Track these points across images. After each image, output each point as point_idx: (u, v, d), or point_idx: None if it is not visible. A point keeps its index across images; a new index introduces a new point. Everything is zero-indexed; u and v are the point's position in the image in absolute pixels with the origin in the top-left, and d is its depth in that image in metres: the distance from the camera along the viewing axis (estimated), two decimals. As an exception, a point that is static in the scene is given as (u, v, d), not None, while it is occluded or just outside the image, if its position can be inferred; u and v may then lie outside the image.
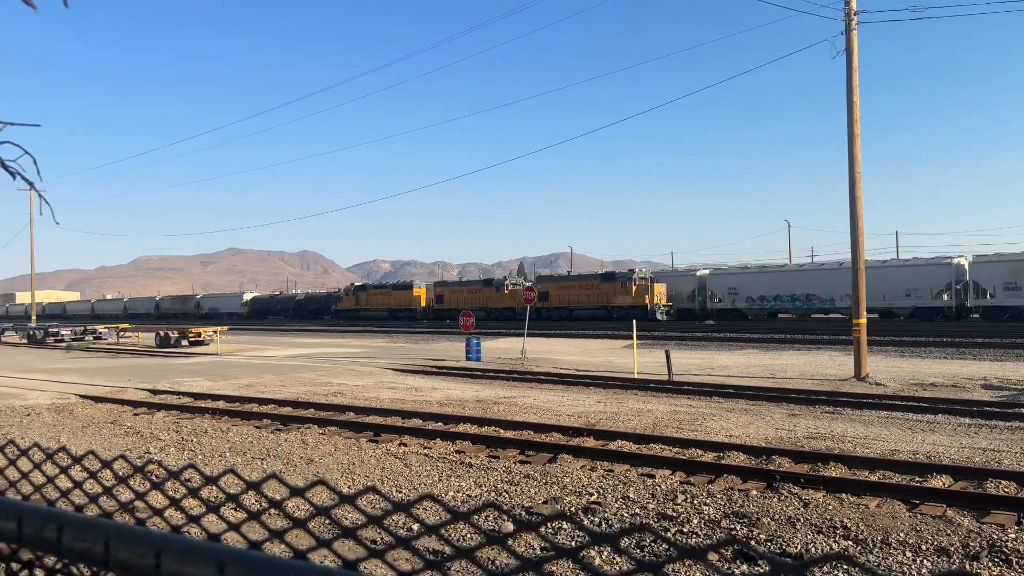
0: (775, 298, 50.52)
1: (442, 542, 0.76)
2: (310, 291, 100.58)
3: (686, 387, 17.75)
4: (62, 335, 45.58)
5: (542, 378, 20.50)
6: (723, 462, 9.75)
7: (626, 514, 7.69)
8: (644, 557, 6.62)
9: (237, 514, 1.05)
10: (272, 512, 1.05)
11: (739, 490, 8.49)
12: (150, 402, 16.59)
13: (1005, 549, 6.40)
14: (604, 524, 7.48)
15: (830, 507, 7.74)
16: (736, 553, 6.18)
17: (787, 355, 27.56)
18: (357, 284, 78.98)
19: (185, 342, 39.54)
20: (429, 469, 9.80)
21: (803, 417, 13.52)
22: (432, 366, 24.56)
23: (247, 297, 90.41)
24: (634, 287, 53.89)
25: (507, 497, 8.52)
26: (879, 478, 8.91)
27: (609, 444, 11.11)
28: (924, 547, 6.54)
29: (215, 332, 40.09)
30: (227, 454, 10.96)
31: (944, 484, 8.61)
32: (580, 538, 6.77)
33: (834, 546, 6.64)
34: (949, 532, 6.90)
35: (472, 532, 6.58)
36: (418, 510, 0.89)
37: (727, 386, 17.58)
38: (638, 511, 7.77)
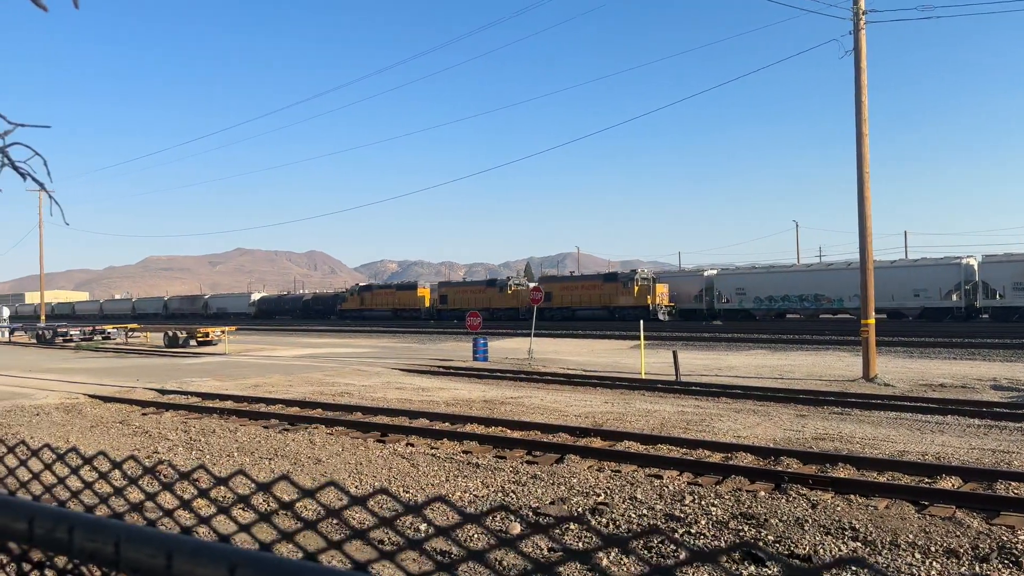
0: (783, 298, 50.38)
1: (452, 544, 0.76)
2: (317, 291, 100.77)
3: (693, 388, 17.71)
4: (71, 335, 45.80)
5: (549, 378, 20.49)
6: (731, 463, 9.72)
7: (633, 515, 7.67)
8: (652, 559, 6.61)
9: (245, 515, 1.05)
10: (281, 513, 1.05)
11: (747, 491, 8.46)
12: (158, 402, 16.65)
13: (1015, 551, 6.36)
14: (612, 525, 7.47)
15: (839, 508, 7.71)
16: (744, 554, 6.16)
17: (795, 356, 27.48)
18: (362, 284, 79.22)
19: (193, 342, 39.66)
20: (436, 469, 9.80)
21: (811, 418, 13.48)
22: (439, 366, 24.57)
23: (255, 297, 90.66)
24: (636, 287, 54.01)
25: (514, 497, 8.51)
26: (888, 479, 8.87)
27: (616, 445, 11.10)
28: (933, 549, 6.51)
29: (223, 332, 40.22)
30: (235, 454, 10.99)
31: (953, 485, 8.57)
32: (588, 539, 6.77)
33: (843, 547, 6.61)
34: (959, 534, 6.86)
35: (479, 533, 6.58)
36: (427, 512, 0.89)
37: (735, 387, 17.54)
38: (645, 512, 7.75)
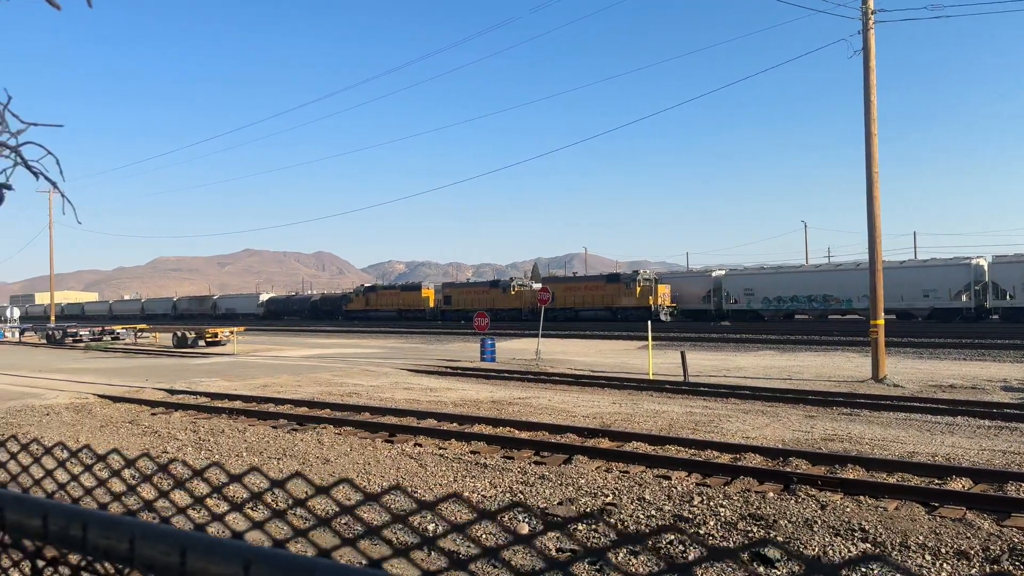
0: (792, 299, 50.22)
1: (465, 542, 0.76)
2: (325, 292, 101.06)
3: (702, 388, 17.67)
4: (80, 335, 46.04)
5: (556, 379, 20.47)
6: (739, 464, 9.70)
7: (642, 516, 7.66)
8: (659, 561, 6.60)
9: (255, 513, 1.05)
10: (294, 511, 1.05)
11: (756, 492, 8.44)
12: (167, 402, 16.71)
13: (1027, 553, 6.32)
14: (620, 526, 7.45)
15: (848, 509, 7.68)
16: (753, 555, 6.15)
17: (804, 356, 27.39)
18: (367, 285, 79.56)
19: (202, 342, 39.81)
20: (444, 469, 9.81)
21: (820, 419, 13.43)
22: (446, 366, 24.58)
23: (263, 298, 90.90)
24: (638, 288, 54.09)
25: (522, 498, 8.51)
26: (897, 480, 8.83)
27: (624, 445, 11.08)
28: (943, 550, 6.47)
29: (232, 333, 40.34)
30: (244, 454, 11.02)
31: (964, 487, 8.53)
32: (595, 540, 6.76)
33: (852, 549, 6.59)
34: (969, 535, 6.82)
35: (486, 533, 6.58)
36: (438, 509, 0.88)
37: (743, 387, 17.49)
38: (654, 513, 7.74)
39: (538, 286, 62.26)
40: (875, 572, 6.04)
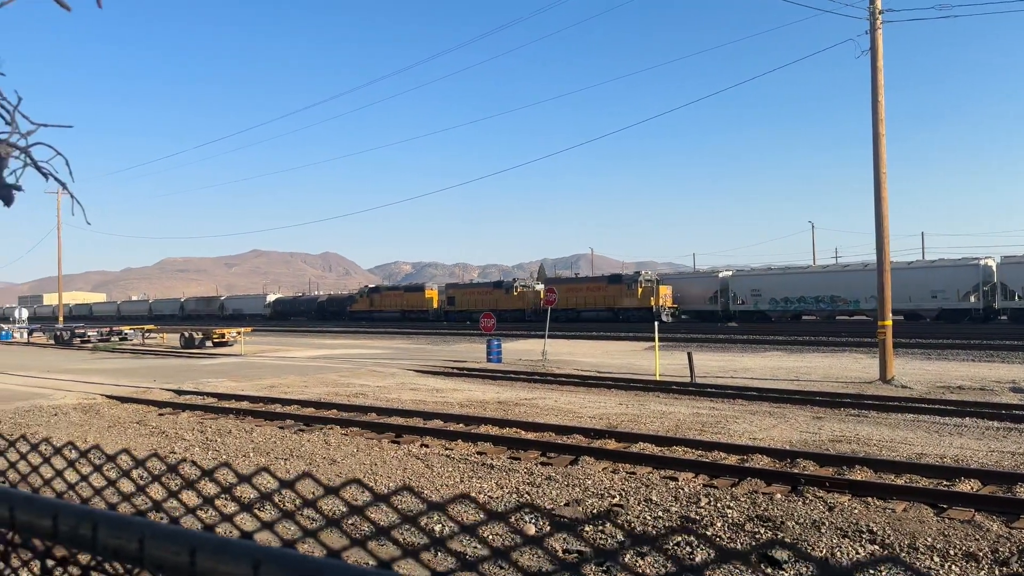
0: (799, 300, 50.08)
1: (473, 543, 0.76)
2: (332, 292, 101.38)
3: (709, 389, 17.62)
4: (88, 336, 46.24)
5: (563, 380, 20.46)
6: (747, 465, 9.68)
7: (649, 517, 7.65)
8: (667, 562, 6.59)
9: (263, 513, 1.06)
10: (300, 511, 1.05)
11: (763, 493, 8.41)
12: (175, 402, 16.76)
13: (1036, 555, 6.29)
14: (627, 527, 7.44)
15: (856, 511, 7.66)
16: (761, 556, 6.13)
17: (811, 357, 27.30)
18: (371, 286, 79.93)
19: (209, 343, 39.92)
20: (451, 470, 9.81)
21: (828, 420, 13.39)
22: (452, 367, 24.60)
23: (270, 298, 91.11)
24: (640, 289, 54.20)
25: (528, 499, 8.51)
26: (906, 482, 8.79)
27: (631, 446, 11.07)
28: (952, 552, 6.45)
29: (239, 333, 40.46)
30: (251, 454, 11.05)
31: (972, 488, 8.49)
32: (602, 540, 6.75)
33: (860, 550, 6.56)
34: (978, 537, 6.79)
35: (493, 534, 6.57)
36: (446, 510, 0.88)
37: (750, 388, 17.45)
38: (661, 514, 7.72)
39: (541, 287, 62.40)
40: (883, 574, 6.02)
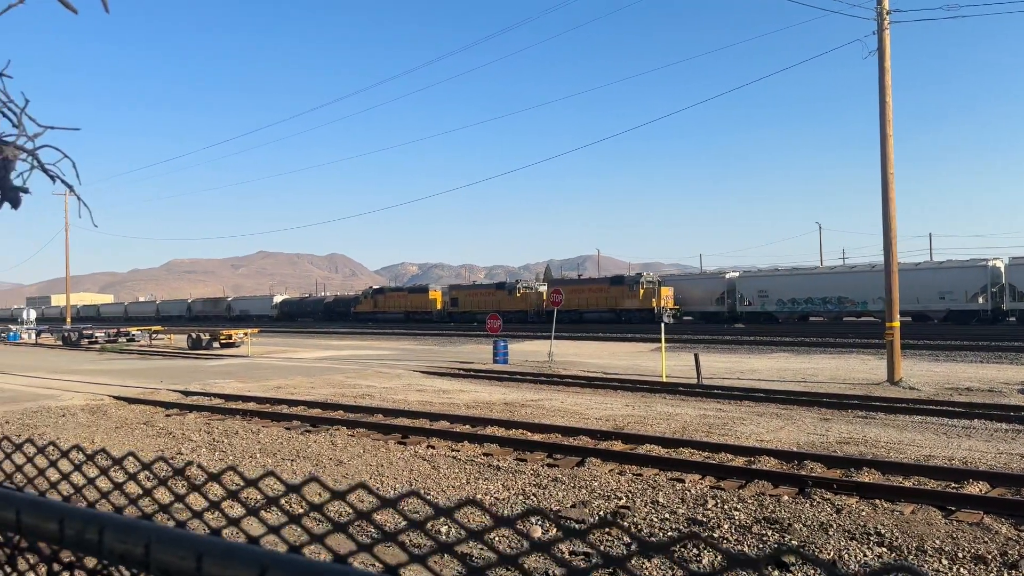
0: (806, 301, 49.96)
1: (480, 547, 0.75)
2: (338, 294, 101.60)
3: (715, 391, 17.58)
4: (96, 337, 46.41)
5: (569, 381, 20.45)
6: (754, 467, 9.65)
7: (655, 519, 7.63)
8: (673, 566, 6.57)
9: (269, 515, 1.05)
10: (307, 515, 1.04)
11: (770, 495, 8.39)
12: (182, 403, 16.80)
13: (1046, 558, 6.25)
14: (634, 529, 7.43)
15: (864, 513, 7.62)
16: (768, 558, 6.10)
17: (818, 359, 27.22)
18: (375, 288, 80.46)
19: (216, 344, 40.02)
20: (457, 471, 9.80)
21: (835, 422, 13.34)
22: (459, 368, 24.60)
23: (277, 299, 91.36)
24: (641, 291, 54.43)
25: (535, 500, 8.50)
26: (914, 484, 8.75)
27: (638, 448, 11.05)
28: (960, 555, 6.41)
29: (246, 334, 40.55)
30: (257, 455, 11.06)
31: (981, 491, 8.45)
32: (609, 542, 6.74)
33: (868, 553, 6.53)
34: (987, 540, 6.76)
35: (499, 536, 6.56)
36: (455, 514, 0.88)
37: (757, 390, 17.41)
38: (667, 516, 7.70)
39: (543, 288, 62.52)
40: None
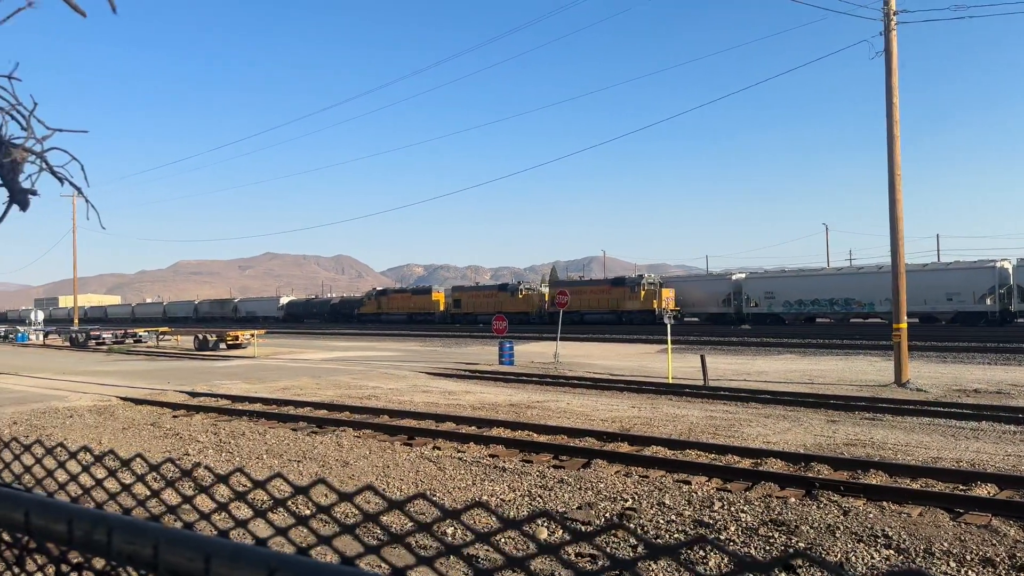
0: (813, 302, 49.83)
1: (484, 546, 0.75)
2: (345, 295, 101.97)
3: (722, 392, 17.55)
4: (103, 338, 46.60)
5: (575, 382, 20.44)
6: (760, 469, 9.63)
7: (662, 521, 7.62)
8: (679, 568, 6.56)
9: (276, 517, 1.05)
10: (315, 517, 1.04)
11: (777, 497, 8.37)
12: (189, 404, 16.84)
13: (1054, 561, 6.21)
14: (640, 531, 7.41)
15: (871, 515, 7.60)
16: (776, 562, 6.09)
17: (825, 360, 27.15)
18: (379, 289, 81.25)
19: (223, 345, 40.12)
20: (463, 473, 9.81)
21: (842, 423, 13.30)
22: (465, 370, 24.61)
23: (283, 301, 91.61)
24: (643, 292, 54.59)
25: (540, 502, 8.49)
26: (921, 486, 8.72)
27: (644, 450, 11.04)
28: (969, 557, 6.38)
29: (252, 335, 40.63)
30: (264, 456, 11.08)
31: (989, 493, 8.41)
32: (615, 543, 6.72)
33: (875, 555, 6.51)
34: (995, 542, 6.73)
35: (506, 537, 6.56)
36: (461, 516, 0.88)
37: (764, 392, 17.36)
38: (674, 518, 7.69)
39: (546, 289, 62.66)
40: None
